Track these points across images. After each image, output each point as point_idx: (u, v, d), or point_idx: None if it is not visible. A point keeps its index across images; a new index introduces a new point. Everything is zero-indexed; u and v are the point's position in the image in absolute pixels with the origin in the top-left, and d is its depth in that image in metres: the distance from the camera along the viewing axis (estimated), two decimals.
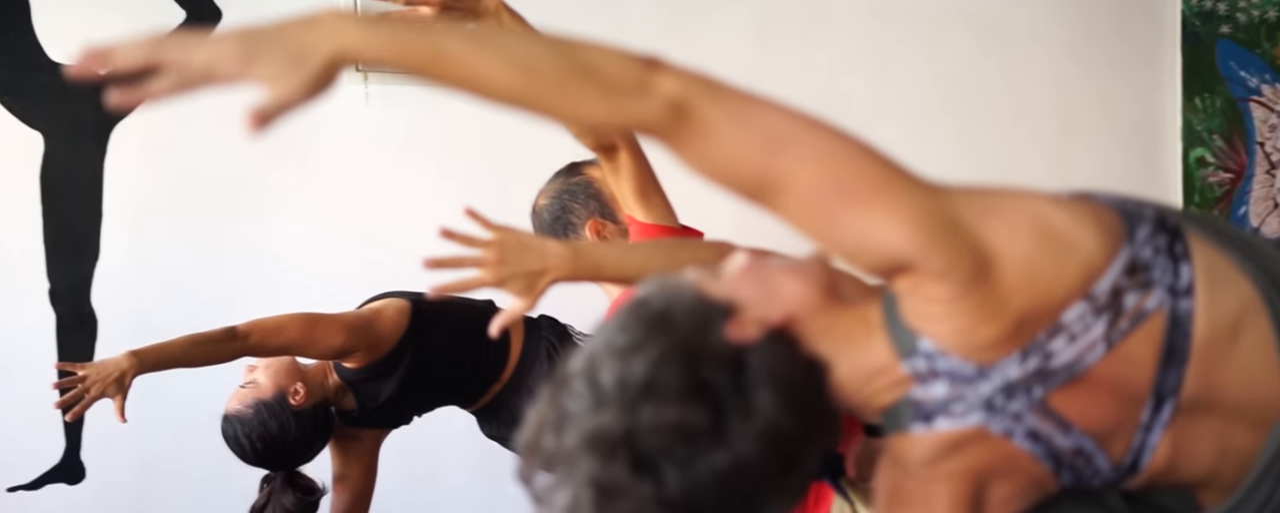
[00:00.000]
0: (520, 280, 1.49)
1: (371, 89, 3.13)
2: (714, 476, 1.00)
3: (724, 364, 1.02)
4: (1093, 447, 1.07)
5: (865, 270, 1.06)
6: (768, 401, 1.01)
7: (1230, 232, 1.09)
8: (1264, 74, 3.15)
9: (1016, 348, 1.03)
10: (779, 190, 1.03)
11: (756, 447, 1.00)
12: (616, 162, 1.96)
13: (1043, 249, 1.03)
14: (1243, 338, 1.04)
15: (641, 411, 1.01)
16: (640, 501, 1.00)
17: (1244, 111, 3.16)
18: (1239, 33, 3.14)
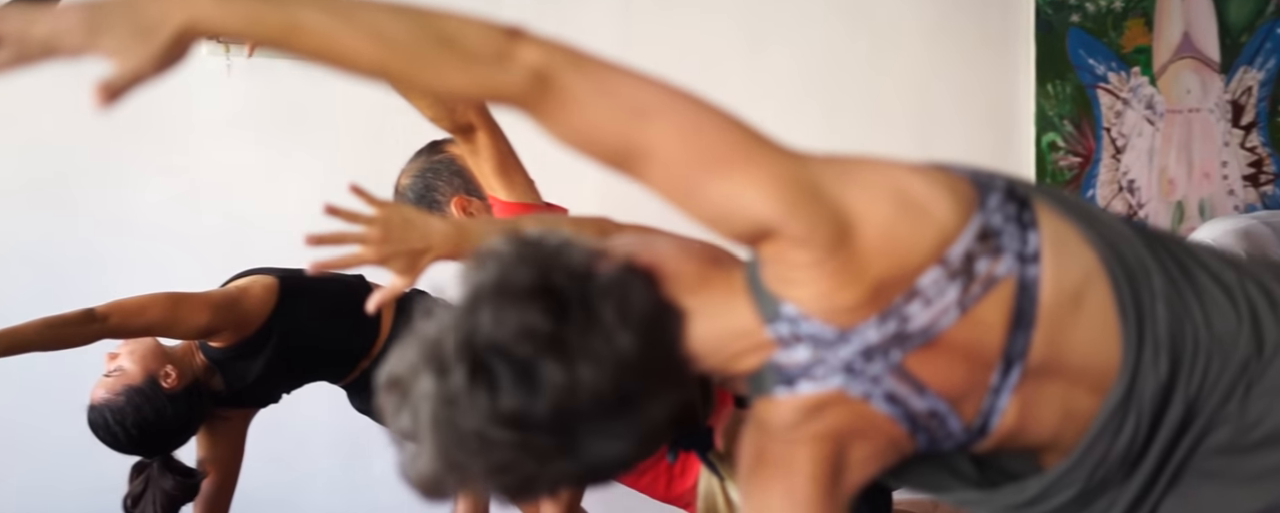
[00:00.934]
0: (402, 259, 1.49)
1: (234, 62, 3.05)
2: (549, 393, 0.99)
3: (575, 275, 1.03)
4: (946, 409, 1.11)
5: (729, 238, 1.09)
6: (613, 317, 1.01)
7: (1075, 203, 1.14)
8: (1111, 62, 3.30)
9: (875, 312, 1.07)
10: (643, 159, 1.05)
11: (595, 370, 1.00)
12: (474, 142, 1.95)
13: (900, 215, 1.06)
14: (1085, 304, 1.10)
15: (483, 311, 1.01)
16: (476, 414, 0.99)
17: (1092, 98, 3.30)
18: (1088, 22, 3.28)
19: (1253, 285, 1.12)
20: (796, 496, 1.10)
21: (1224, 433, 1.10)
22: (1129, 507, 1.14)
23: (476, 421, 1.00)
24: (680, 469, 2.19)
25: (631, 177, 1.08)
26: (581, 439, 1.01)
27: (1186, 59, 3.31)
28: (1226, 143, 3.33)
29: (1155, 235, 1.15)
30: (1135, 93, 3.31)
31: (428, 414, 1.02)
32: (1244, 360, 1.09)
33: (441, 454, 1.02)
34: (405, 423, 1.04)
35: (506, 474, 1.02)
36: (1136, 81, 3.31)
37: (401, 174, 2.22)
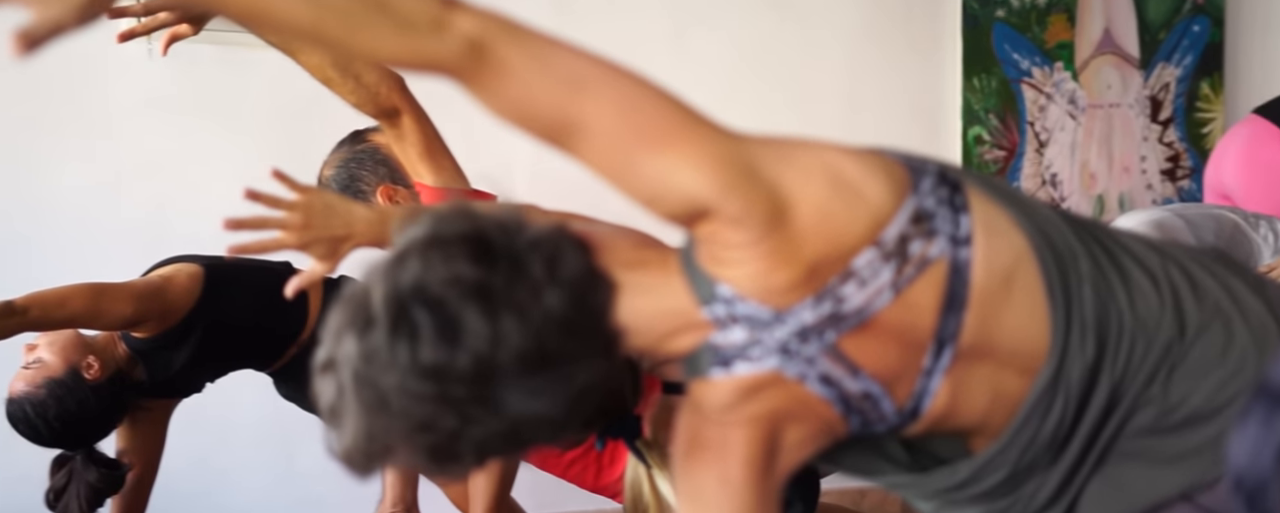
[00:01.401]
0: (324, 244, 1.47)
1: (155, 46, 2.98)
2: (471, 344, 0.97)
3: (507, 229, 1.01)
4: (879, 391, 1.12)
5: (663, 216, 1.08)
6: (542, 273, 0.99)
7: (1005, 188, 1.16)
8: (1034, 57, 3.36)
9: (810, 293, 1.08)
10: (578, 133, 1.04)
11: (520, 324, 0.97)
12: (399, 126, 1.93)
13: (835, 197, 1.07)
14: (1015, 287, 1.11)
15: (410, 261, 0.99)
16: (397, 369, 0.97)
17: (1017, 92, 3.36)
18: (1013, 17, 3.33)
19: (1176, 270, 1.14)
20: (730, 478, 1.10)
21: (1148, 414, 1.12)
22: (1056, 489, 1.16)
23: (397, 375, 0.97)
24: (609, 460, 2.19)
25: (566, 151, 1.07)
26: (504, 395, 0.98)
27: (1107, 55, 3.38)
28: (1145, 138, 3.41)
29: (1082, 221, 1.17)
30: (1058, 88, 3.37)
31: (349, 376, 1.00)
32: (1167, 343, 1.11)
33: (364, 417, 0.99)
34: (330, 395, 1.02)
35: (428, 433, 0.98)
36: (1059, 76, 3.37)
37: (324, 165, 2.19)
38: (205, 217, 1.38)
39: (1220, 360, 1.10)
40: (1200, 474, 1.11)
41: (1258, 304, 1.13)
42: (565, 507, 3.07)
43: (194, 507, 3.00)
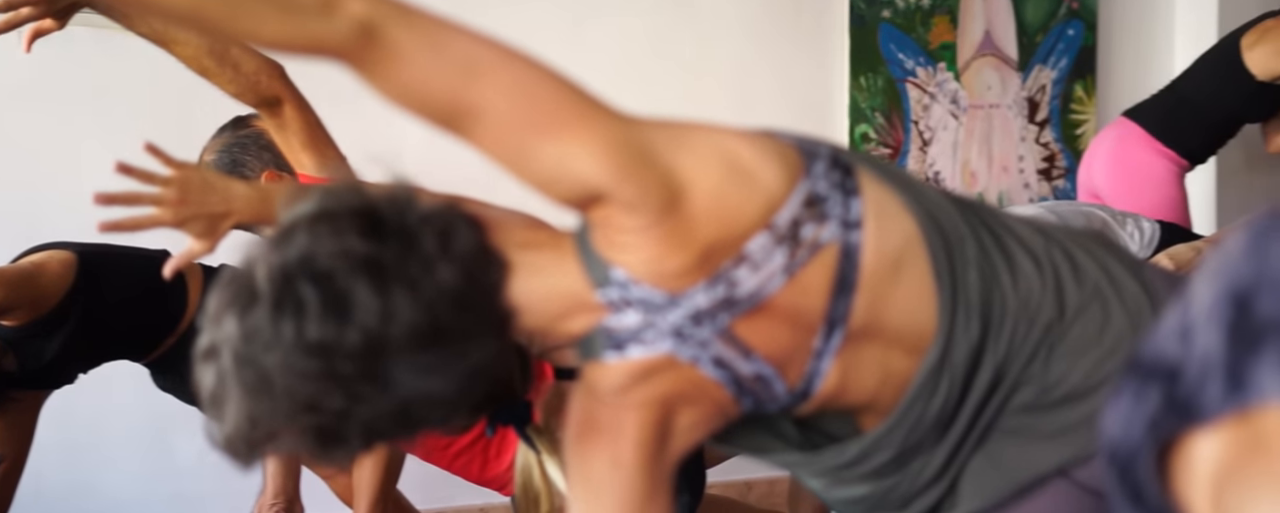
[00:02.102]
0: (201, 222, 1.43)
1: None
2: (361, 318, 0.95)
3: (400, 205, 1.00)
4: (772, 373, 1.14)
5: (559, 201, 1.08)
6: (434, 247, 0.98)
7: (895, 171, 1.18)
8: (919, 57, 3.44)
9: (704, 277, 1.09)
10: (472, 118, 1.03)
11: (412, 299, 0.96)
12: (281, 116, 1.89)
13: (729, 181, 1.08)
14: (904, 270, 1.14)
15: (298, 237, 0.97)
16: (280, 346, 0.95)
17: (902, 92, 3.43)
18: (898, 18, 3.40)
19: (1058, 252, 1.18)
20: (622, 461, 1.11)
21: (1028, 392, 1.15)
22: (941, 466, 1.18)
23: (281, 353, 0.95)
24: (496, 452, 2.17)
25: (460, 136, 1.06)
26: (395, 372, 0.96)
27: (988, 56, 3.48)
28: (1023, 138, 3.52)
29: (969, 205, 1.20)
30: (941, 88, 3.46)
31: (230, 359, 0.97)
32: (1048, 323, 1.15)
33: (246, 400, 0.97)
34: (211, 382, 0.99)
35: (314, 414, 0.96)
36: (942, 77, 3.46)
37: (205, 150, 2.13)
38: (80, 203, 1.33)
39: (1097, 340, 1.14)
40: (1077, 450, 1.14)
41: (1134, 286, 1.18)
42: (453, 501, 3.04)
43: (64, 504, 2.89)
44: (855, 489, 1.22)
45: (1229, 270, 0.69)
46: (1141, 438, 0.72)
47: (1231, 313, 0.68)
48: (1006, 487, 1.16)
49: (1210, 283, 0.71)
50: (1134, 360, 0.75)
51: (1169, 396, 0.71)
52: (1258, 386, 0.66)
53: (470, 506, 3.11)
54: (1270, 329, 0.65)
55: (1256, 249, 0.68)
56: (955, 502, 1.20)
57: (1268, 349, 0.65)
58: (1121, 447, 0.74)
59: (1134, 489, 0.74)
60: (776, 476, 3.21)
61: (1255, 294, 0.66)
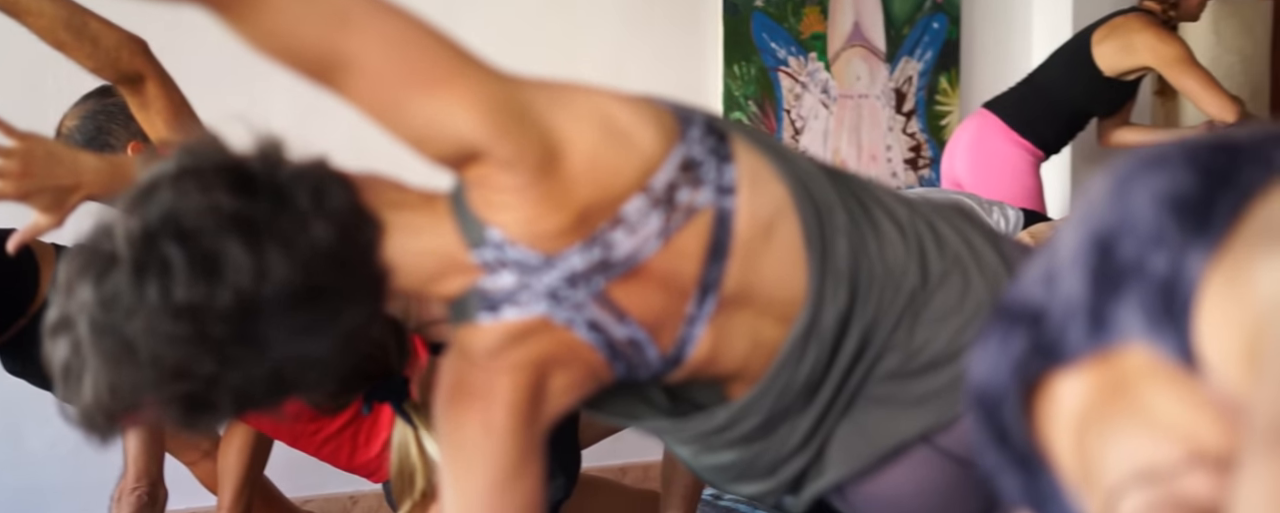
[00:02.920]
0: (48, 195, 1.37)
1: None
2: (233, 278, 0.92)
3: (270, 161, 0.97)
4: (645, 338, 1.14)
5: (433, 158, 1.07)
6: (308, 204, 0.96)
7: (768, 140, 1.20)
8: (790, 47, 3.49)
9: (580, 239, 1.08)
10: (345, 70, 1.01)
11: (286, 257, 0.93)
12: (143, 93, 1.82)
13: (606, 142, 1.08)
14: (776, 237, 1.15)
15: (160, 194, 0.93)
16: (145, 310, 0.91)
17: (774, 80, 3.48)
18: (771, 7, 3.45)
19: (922, 223, 1.21)
20: (494, 425, 1.10)
21: (893, 359, 1.18)
22: (807, 432, 1.20)
23: (145, 318, 0.91)
24: (365, 438, 2.14)
25: (332, 89, 1.04)
26: (269, 334, 0.94)
27: (857, 47, 3.55)
28: (890, 128, 3.60)
29: (838, 174, 1.22)
30: (812, 77, 3.51)
31: (86, 327, 0.93)
32: (912, 291, 1.17)
33: (106, 370, 0.93)
34: (64, 353, 0.95)
35: (183, 381, 0.93)
36: (813, 66, 3.51)
37: (66, 117, 2.04)
38: None
39: (958, 308, 1.17)
40: (938, 416, 1.17)
41: (993, 256, 1.21)
42: (323, 489, 2.98)
43: None
44: (723, 456, 1.24)
45: (1092, 217, 0.72)
46: (1007, 380, 0.74)
47: (1094, 257, 0.70)
48: (872, 454, 1.19)
49: (1074, 229, 0.73)
50: (1000, 306, 0.78)
51: (1034, 338, 0.73)
52: (1119, 326, 0.68)
53: (340, 493, 3.05)
54: (1131, 271, 0.67)
55: (1119, 196, 0.70)
56: (822, 469, 1.22)
57: (1129, 291, 0.67)
58: (987, 390, 0.76)
59: (999, 431, 0.76)
60: (651, 460, 3.22)
61: (1117, 238, 0.68)
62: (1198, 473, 0.60)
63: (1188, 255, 0.64)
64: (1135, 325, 0.67)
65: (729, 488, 1.28)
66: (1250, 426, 0.52)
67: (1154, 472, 0.62)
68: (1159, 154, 0.70)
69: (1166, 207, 0.66)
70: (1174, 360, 0.65)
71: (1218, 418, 0.62)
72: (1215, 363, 0.62)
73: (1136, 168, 0.71)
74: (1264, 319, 0.58)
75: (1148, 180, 0.69)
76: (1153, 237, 0.66)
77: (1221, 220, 0.64)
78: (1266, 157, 0.67)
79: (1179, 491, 0.60)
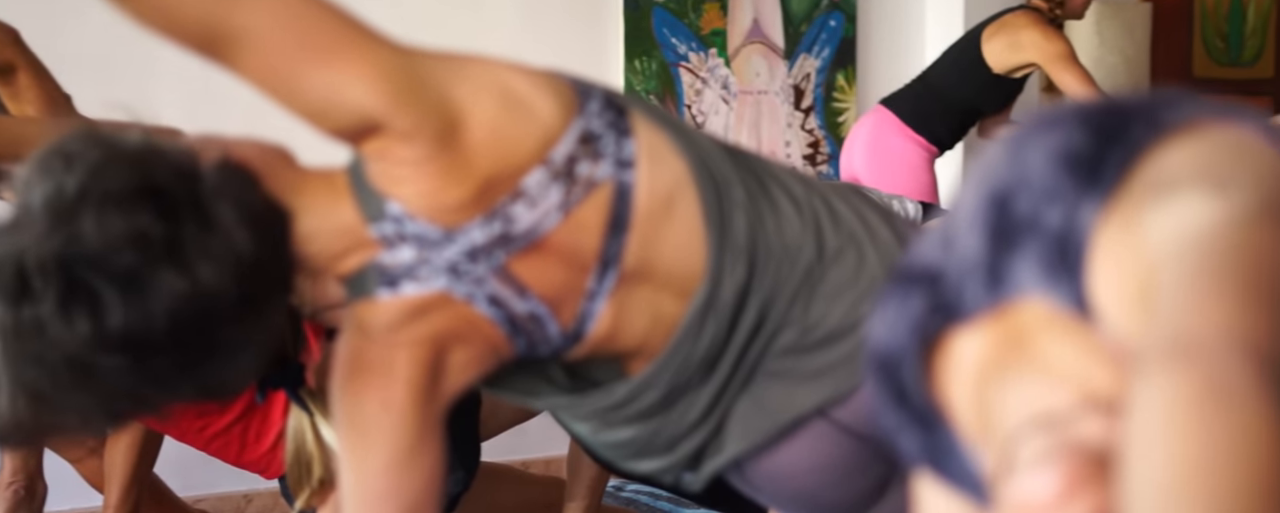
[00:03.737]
0: None
1: None
2: (168, 303, 0.92)
3: (180, 174, 0.96)
4: (546, 313, 1.13)
5: (331, 133, 1.05)
6: (230, 217, 0.96)
7: (666, 115, 1.20)
8: (691, 42, 3.51)
9: (481, 212, 1.07)
10: (235, 44, 0.99)
11: (216, 272, 0.94)
12: (14, 84, 1.76)
13: (506, 113, 1.07)
14: (676, 211, 1.15)
15: (82, 220, 0.92)
16: (74, 340, 0.91)
17: (675, 76, 3.50)
18: (671, 3, 3.47)
19: (817, 199, 1.22)
20: (393, 402, 1.08)
21: (790, 335, 1.19)
22: (706, 408, 1.20)
23: (73, 347, 0.91)
24: (255, 433, 2.09)
25: (223, 64, 1.01)
26: (202, 347, 0.96)
27: (756, 44, 3.58)
28: (789, 124, 3.64)
29: (736, 151, 1.22)
30: (712, 73, 3.54)
31: (2, 350, 0.92)
32: (808, 266, 1.18)
33: (25, 395, 0.93)
34: None
35: (116, 402, 0.95)
36: (713, 62, 3.54)
37: None
38: None
39: (853, 283, 1.18)
40: (835, 390, 1.18)
41: (887, 233, 1.23)
42: (215, 487, 2.91)
43: None
44: (621, 433, 1.23)
45: (989, 177, 0.73)
46: (906, 340, 0.75)
47: (992, 215, 0.71)
48: (770, 428, 1.19)
49: (972, 191, 0.75)
50: (898, 270, 0.79)
51: (932, 298, 0.75)
52: (1015, 280, 0.70)
53: (233, 492, 2.98)
54: (1027, 226, 0.69)
55: (1014, 156, 0.72)
56: (721, 445, 1.22)
57: (1025, 245, 0.69)
58: (887, 351, 0.77)
59: (899, 391, 0.77)
60: (552, 455, 3.21)
61: (1014, 196, 0.70)
62: (1092, 417, 0.62)
63: (1081, 208, 0.66)
64: (1031, 278, 0.68)
65: (627, 466, 1.27)
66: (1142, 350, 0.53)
67: (1050, 417, 0.63)
68: (1052, 116, 0.72)
69: (1060, 163, 0.68)
70: (1069, 310, 0.66)
71: (1111, 363, 0.64)
72: (1108, 310, 0.64)
73: (1031, 129, 0.72)
74: (1153, 263, 0.60)
75: (1042, 140, 0.70)
76: (1047, 192, 0.68)
77: (1112, 175, 0.66)
78: (1154, 117, 0.69)
79: (1074, 434, 0.61)
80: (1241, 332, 0.52)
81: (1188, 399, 0.49)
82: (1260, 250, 0.57)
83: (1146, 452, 0.49)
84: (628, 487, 2.82)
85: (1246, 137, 0.67)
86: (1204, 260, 0.57)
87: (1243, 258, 0.56)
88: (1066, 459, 0.59)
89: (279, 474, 2.04)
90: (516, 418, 2.31)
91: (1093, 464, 0.58)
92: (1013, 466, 0.62)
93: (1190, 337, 0.52)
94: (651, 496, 2.76)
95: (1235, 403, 0.49)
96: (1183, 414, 0.49)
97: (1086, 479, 0.58)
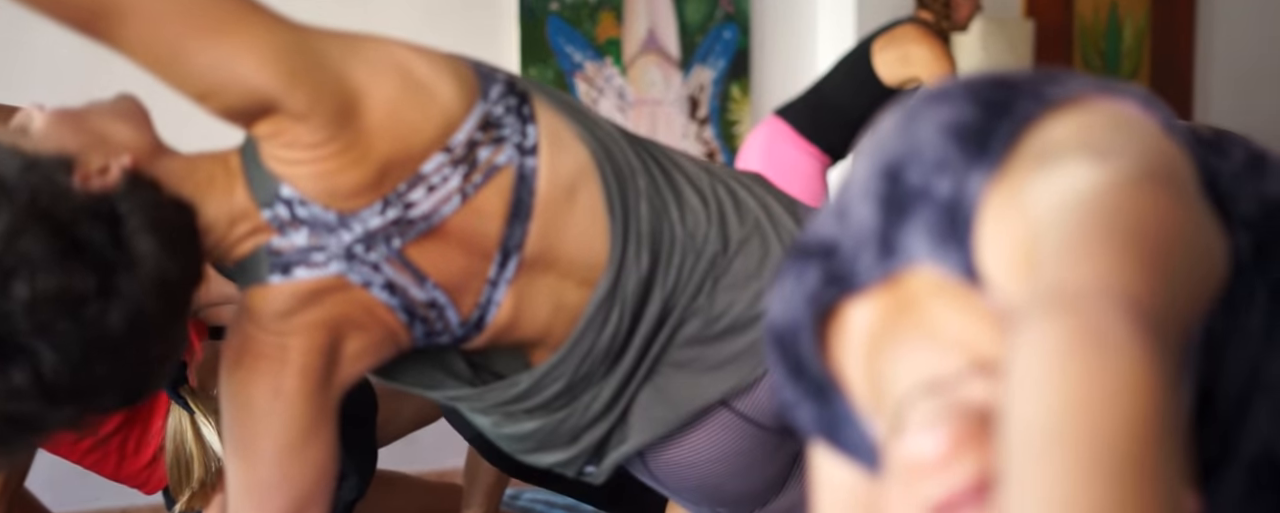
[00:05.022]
0: None
1: None
2: (108, 340, 0.94)
3: (94, 218, 0.95)
4: (445, 300, 1.11)
5: (221, 113, 1.02)
6: (151, 247, 0.97)
7: (570, 102, 1.19)
8: (587, 51, 3.51)
9: (378, 197, 1.05)
10: (118, 17, 0.95)
11: (148, 300, 0.96)
12: None
13: (406, 96, 1.05)
14: (578, 199, 1.14)
15: (9, 292, 0.91)
16: (15, 401, 0.92)
17: (571, 85, 3.50)
18: (566, 11, 3.47)
19: (722, 189, 1.22)
20: (285, 389, 1.05)
21: (694, 325, 1.19)
22: (610, 399, 1.20)
23: (14, 405, 0.93)
24: (134, 446, 2.02)
25: (105, 41, 0.98)
26: (141, 373, 1.00)
27: (652, 53, 3.60)
28: (685, 134, 3.66)
29: (640, 140, 1.22)
30: (608, 82, 3.55)
31: None
32: (713, 257, 1.18)
33: None
34: None
35: (28, 432, 0.97)
36: (609, 72, 3.55)
37: None
38: None
39: (758, 273, 1.19)
40: (737, 380, 1.19)
41: (791, 222, 1.24)
42: (96, 502, 2.81)
43: None
44: (525, 425, 1.22)
45: (881, 150, 0.74)
46: (802, 313, 0.76)
47: (883, 186, 0.72)
48: (673, 418, 1.19)
49: (864, 163, 0.76)
50: (795, 246, 0.79)
51: (827, 270, 0.75)
52: (906, 250, 0.71)
53: (111, 508, 2.88)
54: (918, 197, 0.70)
55: (906, 129, 0.73)
56: (625, 435, 1.22)
57: (915, 215, 0.70)
58: (783, 326, 0.78)
59: (795, 364, 0.78)
60: (447, 467, 3.17)
61: (905, 167, 0.71)
62: (978, 380, 0.63)
63: (969, 179, 0.68)
64: (921, 247, 0.70)
65: (530, 459, 1.26)
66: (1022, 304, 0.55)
67: (938, 382, 0.64)
68: (942, 91, 0.74)
69: (950, 135, 0.69)
70: (957, 277, 0.68)
71: (997, 328, 0.65)
72: (994, 276, 0.65)
73: (922, 103, 0.74)
74: (1037, 229, 0.61)
75: (933, 113, 0.72)
76: (938, 162, 0.69)
77: (1000, 146, 0.68)
78: (1040, 92, 0.70)
79: (961, 397, 0.62)
80: (1119, 283, 0.54)
81: (1065, 346, 0.51)
82: (1140, 209, 0.59)
83: (1024, 397, 0.50)
84: (523, 495, 2.80)
85: (1129, 111, 0.70)
86: (1083, 219, 0.58)
87: (1122, 216, 0.58)
88: (952, 420, 0.60)
89: (158, 489, 1.98)
90: (415, 424, 2.27)
91: (978, 424, 0.59)
92: (902, 429, 0.63)
93: (1068, 288, 0.54)
94: (547, 504, 2.74)
95: (1111, 349, 0.50)
96: (1060, 360, 0.50)
97: (972, 438, 0.59)
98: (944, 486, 0.58)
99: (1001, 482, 0.50)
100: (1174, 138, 0.69)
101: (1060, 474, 0.47)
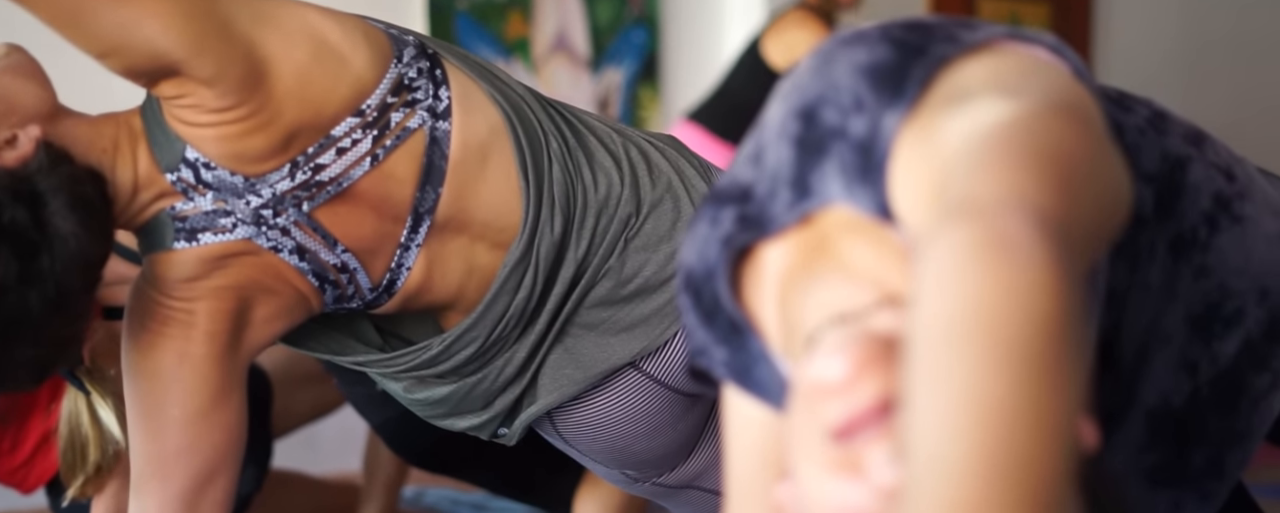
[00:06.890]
0: None
1: None
2: (27, 323, 0.94)
3: (15, 200, 0.95)
4: (356, 264, 1.10)
5: (122, 71, 0.99)
6: (72, 227, 0.97)
7: (481, 64, 1.18)
8: (495, 50, 3.49)
9: (286, 160, 1.03)
10: None
11: (70, 279, 0.96)
12: None
13: (317, 61, 1.04)
14: (490, 162, 1.13)
15: None
16: None
17: None
18: (474, 10, 3.45)
19: (634, 151, 1.22)
20: (192, 354, 1.03)
21: (605, 287, 1.18)
22: (523, 361, 1.19)
23: None
24: (10, 445, 1.95)
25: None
26: (57, 350, 1.00)
27: (561, 54, 3.60)
28: None
29: (552, 102, 1.22)
30: None
31: None
32: (625, 219, 1.18)
33: None
34: None
35: None
36: (518, 71, 3.54)
37: None
38: None
39: (669, 236, 1.19)
40: (647, 342, 1.19)
41: (703, 185, 1.24)
42: None
43: None
44: (437, 391, 1.21)
45: (796, 90, 0.75)
46: (716, 256, 0.76)
47: (799, 127, 0.73)
48: (583, 380, 1.19)
49: (780, 105, 0.76)
50: (711, 192, 0.80)
51: (742, 214, 0.76)
52: (820, 190, 0.71)
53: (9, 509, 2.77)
54: (833, 137, 0.71)
55: (821, 71, 0.74)
56: (535, 397, 1.21)
57: (830, 155, 0.71)
58: (697, 267, 0.78)
59: (709, 307, 0.78)
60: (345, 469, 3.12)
61: (820, 108, 0.72)
62: (886, 311, 0.64)
63: (884, 118, 0.69)
64: (836, 187, 0.70)
65: (443, 423, 1.25)
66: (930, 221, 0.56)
67: (848, 315, 0.65)
68: (857, 33, 0.75)
69: (865, 75, 0.70)
70: (871, 216, 0.69)
71: (906, 263, 0.66)
72: (905, 212, 0.66)
73: (837, 45, 0.74)
74: (947, 165, 0.62)
75: (848, 54, 0.73)
76: (853, 103, 0.70)
77: (914, 86, 0.69)
78: (955, 36, 0.72)
79: (869, 326, 0.63)
80: (1025, 193, 0.55)
81: (972, 249, 0.52)
82: (1048, 134, 0.61)
83: (931, 295, 0.51)
84: (429, 493, 2.76)
85: (1041, 56, 0.71)
86: (992, 144, 0.60)
87: (1031, 137, 0.60)
88: (858, 345, 0.61)
89: (36, 487, 1.91)
90: (312, 415, 2.23)
91: (883, 349, 0.60)
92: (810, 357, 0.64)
93: (975, 199, 0.55)
94: (453, 502, 2.71)
95: (1018, 250, 0.51)
96: (968, 261, 0.51)
97: (876, 361, 0.60)
98: (846, 406, 0.59)
99: (905, 374, 0.51)
100: (1083, 84, 0.71)
101: (967, 367, 0.48)
